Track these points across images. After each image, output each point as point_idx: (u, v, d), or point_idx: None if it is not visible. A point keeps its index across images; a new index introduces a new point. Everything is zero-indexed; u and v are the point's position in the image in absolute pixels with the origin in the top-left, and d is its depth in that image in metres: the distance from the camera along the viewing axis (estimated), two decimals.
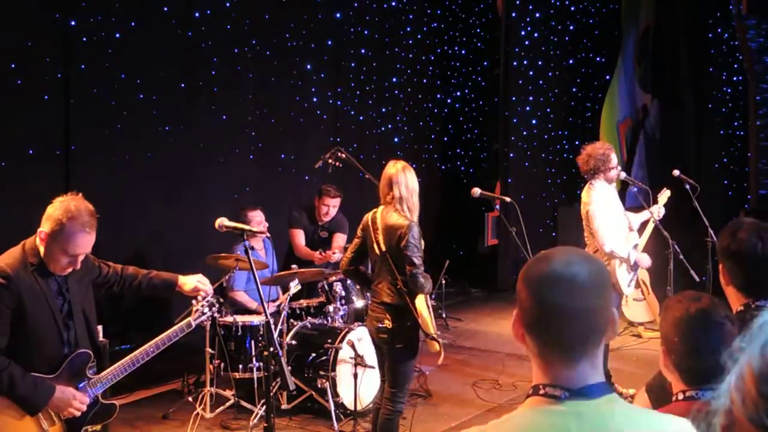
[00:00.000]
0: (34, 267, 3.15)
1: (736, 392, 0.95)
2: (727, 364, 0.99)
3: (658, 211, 5.86)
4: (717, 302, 2.15)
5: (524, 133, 10.76)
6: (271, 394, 3.57)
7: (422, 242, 4.32)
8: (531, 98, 10.74)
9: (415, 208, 4.38)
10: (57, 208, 3.13)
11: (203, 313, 3.66)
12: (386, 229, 4.35)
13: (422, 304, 4.27)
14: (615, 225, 5.58)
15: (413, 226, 4.26)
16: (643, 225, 5.92)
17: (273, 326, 3.55)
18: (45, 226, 3.12)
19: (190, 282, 3.64)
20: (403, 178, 4.36)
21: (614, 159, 5.63)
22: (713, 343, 2.00)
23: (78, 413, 3.22)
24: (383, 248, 4.36)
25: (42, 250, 3.15)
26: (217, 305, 3.75)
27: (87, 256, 3.39)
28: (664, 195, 6.10)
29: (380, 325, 4.34)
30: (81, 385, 3.29)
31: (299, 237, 6.57)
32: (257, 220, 6.12)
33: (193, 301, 3.65)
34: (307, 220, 6.61)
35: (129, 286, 3.62)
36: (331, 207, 6.50)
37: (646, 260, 5.77)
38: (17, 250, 3.20)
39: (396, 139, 10.13)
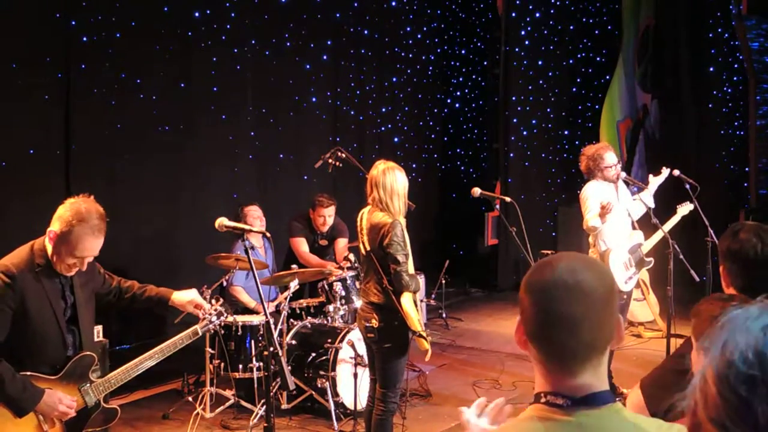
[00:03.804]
0: (40, 268, 3.15)
1: (699, 393, 0.95)
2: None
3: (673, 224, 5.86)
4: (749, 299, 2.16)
5: (524, 132, 10.77)
6: (271, 393, 3.57)
7: (407, 241, 4.29)
8: (531, 98, 10.74)
9: (398, 209, 4.31)
10: (68, 210, 3.12)
11: (210, 322, 3.65)
12: (370, 228, 4.34)
13: (408, 303, 4.25)
14: (615, 220, 5.57)
15: (396, 224, 4.22)
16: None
17: (273, 326, 3.55)
18: (55, 226, 3.12)
19: (184, 298, 3.62)
20: (383, 180, 4.32)
21: (609, 158, 5.61)
22: None
23: (64, 417, 3.19)
24: (368, 248, 4.36)
25: (50, 249, 3.15)
26: (225, 314, 3.74)
27: (94, 264, 3.40)
28: (685, 207, 6.00)
29: (368, 325, 4.34)
30: (83, 388, 3.28)
31: (303, 245, 6.54)
32: (254, 215, 6.13)
33: (200, 313, 3.65)
34: (307, 229, 6.59)
35: (124, 297, 3.62)
36: (326, 216, 6.48)
37: (657, 180, 5.77)
38: (25, 249, 3.20)
39: (396, 139, 10.13)
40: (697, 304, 2.29)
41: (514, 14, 10.54)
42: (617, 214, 5.60)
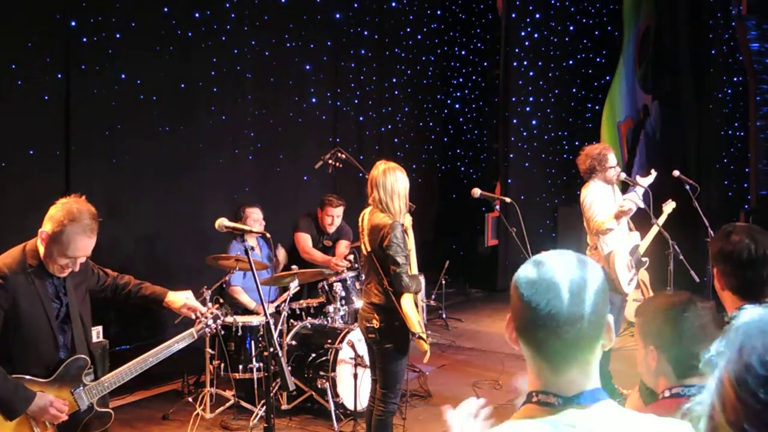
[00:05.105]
0: (32, 269, 3.13)
1: (716, 397, 0.95)
2: (708, 365, 0.99)
3: (662, 221, 5.87)
4: (695, 296, 2.22)
5: (524, 133, 10.77)
6: (271, 394, 3.56)
7: (407, 242, 4.28)
8: (531, 99, 10.74)
9: (398, 210, 4.31)
10: (59, 210, 3.10)
11: (207, 325, 3.64)
12: (371, 229, 4.34)
13: (408, 304, 4.25)
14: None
15: (396, 226, 4.22)
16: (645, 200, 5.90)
17: (273, 326, 3.54)
18: (46, 227, 3.10)
19: (178, 300, 3.61)
20: (383, 180, 4.32)
21: (612, 159, 5.63)
22: (705, 329, 2.10)
23: (56, 420, 3.15)
24: (368, 248, 4.36)
25: (42, 250, 3.13)
26: (222, 318, 3.72)
27: (87, 263, 3.37)
28: (670, 206, 6.07)
29: (369, 325, 4.34)
30: (76, 391, 3.23)
31: (307, 241, 6.53)
32: (254, 217, 6.13)
33: (193, 315, 3.64)
34: (313, 227, 6.59)
35: (120, 293, 3.60)
36: (335, 217, 6.48)
37: (645, 181, 5.76)
38: (17, 251, 3.18)
39: (396, 140, 10.13)
40: (641, 305, 2.33)
41: (514, 15, 10.54)
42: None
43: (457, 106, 11.33)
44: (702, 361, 2.00)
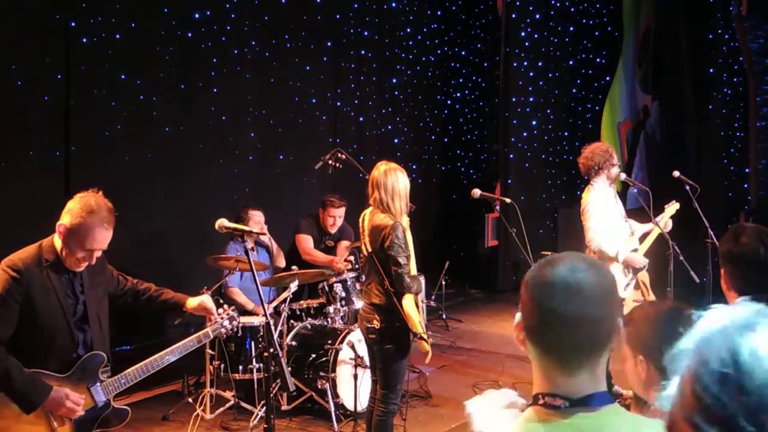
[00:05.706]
0: (48, 263, 3.16)
1: (677, 393, 0.95)
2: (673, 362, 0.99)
3: (664, 223, 5.83)
4: (680, 302, 2.21)
5: (524, 134, 10.77)
6: (271, 395, 3.56)
7: (408, 242, 4.29)
8: (531, 99, 10.75)
9: (399, 210, 4.31)
10: (77, 203, 3.16)
11: (222, 326, 3.65)
12: (372, 230, 4.34)
13: (409, 304, 4.25)
14: (615, 227, 5.57)
15: (397, 226, 4.23)
16: (644, 235, 5.87)
17: (273, 327, 3.54)
18: (65, 219, 3.15)
19: (196, 302, 3.64)
20: (384, 180, 4.32)
21: (615, 157, 5.65)
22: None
23: (72, 415, 3.17)
24: (369, 249, 4.36)
25: (59, 244, 3.17)
26: (237, 320, 3.73)
27: (106, 266, 3.43)
28: (673, 207, 6.05)
29: (369, 326, 4.34)
30: (93, 387, 3.26)
31: (309, 242, 6.52)
32: (256, 219, 6.13)
33: (209, 316, 3.66)
34: (315, 229, 6.58)
35: (140, 299, 3.64)
36: (337, 217, 6.48)
37: (639, 260, 5.67)
38: (33, 247, 3.23)
39: (396, 140, 10.13)
40: (629, 312, 2.32)
41: (514, 15, 10.55)
42: (616, 220, 5.60)
43: (457, 106, 11.33)
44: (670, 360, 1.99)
